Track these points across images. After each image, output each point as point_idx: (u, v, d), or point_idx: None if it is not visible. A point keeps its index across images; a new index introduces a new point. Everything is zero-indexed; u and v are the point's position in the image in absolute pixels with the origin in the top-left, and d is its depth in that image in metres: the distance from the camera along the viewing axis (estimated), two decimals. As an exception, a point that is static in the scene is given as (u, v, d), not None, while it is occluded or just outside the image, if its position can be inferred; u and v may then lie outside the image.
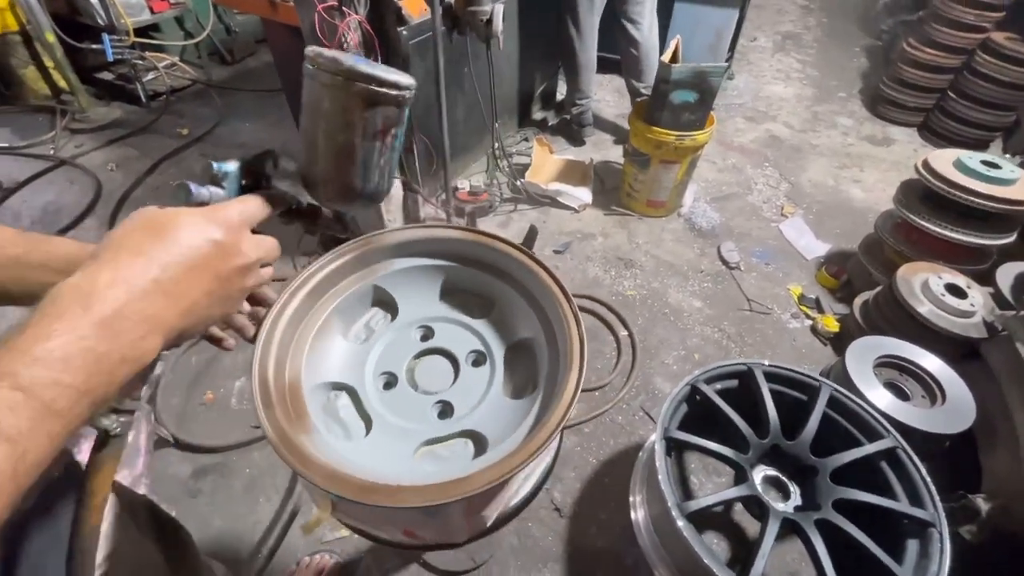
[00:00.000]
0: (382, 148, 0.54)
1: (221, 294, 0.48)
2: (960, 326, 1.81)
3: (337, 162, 0.54)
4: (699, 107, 2.37)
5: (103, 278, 0.40)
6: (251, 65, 4.30)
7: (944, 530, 1.24)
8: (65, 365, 0.35)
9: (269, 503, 1.67)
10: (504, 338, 0.90)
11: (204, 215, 0.47)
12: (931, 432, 1.57)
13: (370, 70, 0.48)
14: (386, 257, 0.94)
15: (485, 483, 0.64)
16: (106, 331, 0.38)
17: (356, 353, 0.90)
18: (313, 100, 0.52)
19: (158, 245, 0.43)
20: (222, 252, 0.47)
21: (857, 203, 3.03)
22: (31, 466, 0.34)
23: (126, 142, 3.33)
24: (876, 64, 4.54)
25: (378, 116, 0.51)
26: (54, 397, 0.35)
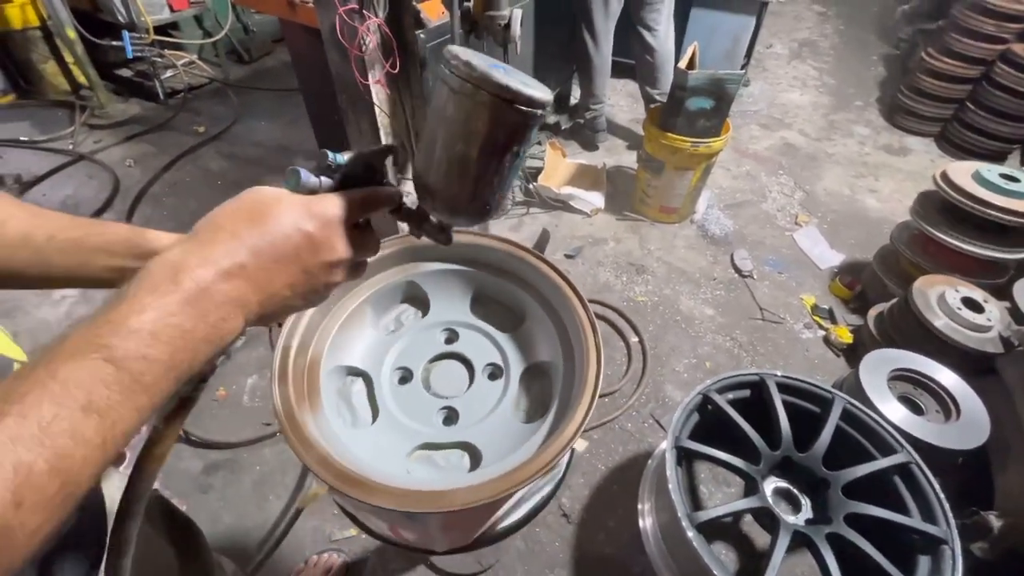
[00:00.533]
0: (500, 166, 0.50)
1: (305, 287, 0.48)
2: (976, 340, 1.79)
3: (450, 173, 0.50)
4: (715, 114, 2.36)
5: (194, 257, 0.40)
6: (268, 64, 4.34)
7: (956, 547, 1.23)
8: (154, 340, 0.36)
9: (279, 500, 1.68)
10: (525, 357, 0.90)
11: (304, 205, 0.46)
12: (944, 448, 1.56)
13: (505, 80, 0.44)
14: (424, 258, 0.95)
15: (461, 503, 0.63)
16: (193, 309, 0.39)
17: (380, 343, 0.91)
18: (439, 103, 0.49)
19: (253, 230, 0.43)
20: (312, 246, 0.46)
21: (873, 213, 3.00)
22: (119, 437, 0.34)
23: (144, 138, 3.38)
24: (894, 73, 4.50)
25: (503, 131, 0.47)
26: (143, 370, 0.35)
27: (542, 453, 0.68)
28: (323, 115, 2.90)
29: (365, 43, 1.68)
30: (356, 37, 1.66)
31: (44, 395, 0.31)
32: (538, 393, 0.88)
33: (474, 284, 0.97)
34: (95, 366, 0.34)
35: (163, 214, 2.81)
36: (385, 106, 1.93)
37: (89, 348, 0.34)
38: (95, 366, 0.34)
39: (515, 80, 0.45)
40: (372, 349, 0.90)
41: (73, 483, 0.32)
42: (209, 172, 3.12)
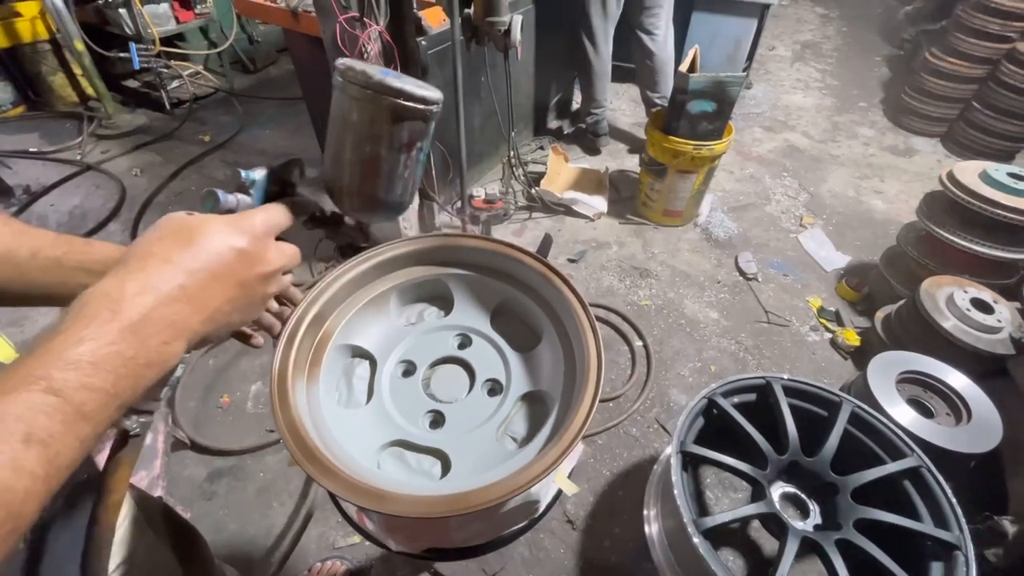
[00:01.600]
0: (407, 161, 0.55)
1: (244, 301, 0.49)
2: (986, 342, 1.76)
3: (362, 173, 0.54)
4: (717, 117, 2.35)
5: (132, 285, 0.41)
6: (272, 74, 4.39)
7: (970, 553, 1.20)
8: (95, 369, 0.36)
9: (282, 507, 1.67)
10: (528, 382, 0.86)
11: (230, 223, 0.48)
12: (956, 451, 1.53)
13: (399, 84, 0.49)
14: (457, 261, 0.95)
15: (401, 510, 0.61)
16: (133, 336, 0.39)
17: (395, 332, 0.91)
18: (342, 111, 0.53)
19: (185, 252, 0.44)
20: (246, 260, 0.48)
21: (878, 215, 2.97)
22: (62, 468, 0.34)
23: (150, 148, 3.41)
24: (897, 74, 4.48)
25: (405, 129, 0.52)
26: (84, 400, 0.35)
27: (505, 482, 0.64)
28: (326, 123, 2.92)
29: (366, 50, 1.69)
30: (357, 44, 1.67)
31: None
32: (530, 421, 0.84)
33: (499, 296, 0.96)
34: (35, 397, 0.34)
35: (169, 223, 2.83)
36: (387, 113, 1.94)
37: (26, 380, 0.34)
38: (35, 397, 0.34)
39: (408, 83, 0.49)
40: (386, 336, 0.90)
41: (15, 516, 0.31)
42: (214, 181, 3.14)
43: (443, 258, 0.94)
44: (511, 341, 0.92)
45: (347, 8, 1.60)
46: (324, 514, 1.64)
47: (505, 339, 0.92)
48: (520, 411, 0.85)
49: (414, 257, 0.92)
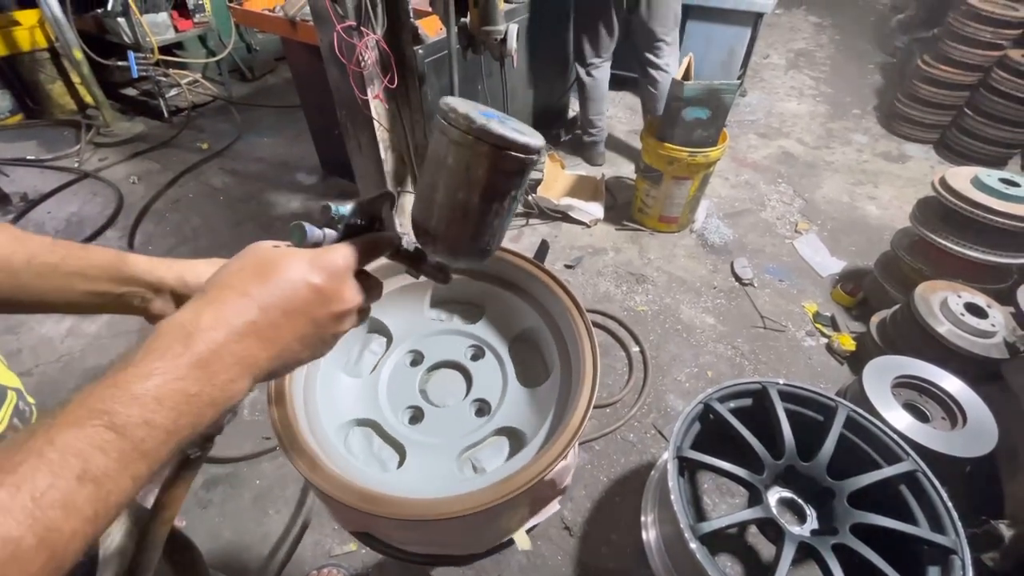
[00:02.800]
0: (499, 210, 0.53)
1: (314, 339, 0.48)
2: (981, 346, 1.77)
3: (452, 218, 0.52)
4: (711, 124, 2.37)
5: (206, 318, 0.40)
6: (270, 82, 4.41)
7: (966, 557, 1.21)
8: (158, 405, 0.36)
9: (279, 515, 1.67)
10: (504, 335, 0.91)
11: (311, 259, 0.47)
12: (951, 455, 1.53)
13: (501, 131, 0.47)
14: (495, 273, 0.96)
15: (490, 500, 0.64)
16: (201, 372, 0.38)
17: (421, 322, 0.92)
18: (439, 153, 0.51)
19: (262, 287, 0.44)
20: (322, 298, 0.47)
21: (872, 220, 3.00)
22: (111, 508, 0.34)
23: (148, 156, 3.42)
24: (890, 81, 4.52)
25: (501, 178, 0.50)
26: (143, 437, 0.35)
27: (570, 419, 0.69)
28: (324, 130, 2.94)
29: (363, 59, 1.70)
30: (354, 53, 1.68)
31: (40, 464, 0.31)
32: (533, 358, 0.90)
33: (425, 291, 0.98)
34: (95, 433, 0.33)
35: (166, 230, 2.83)
36: (384, 120, 1.95)
37: (90, 415, 0.34)
38: (95, 433, 0.33)
39: (510, 130, 0.47)
40: (410, 324, 0.91)
41: (60, 557, 0.31)
42: (212, 188, 3.15)
43: (491, 271, 0.95)
44: (520, 370, 0.93)
45: (344, 17, 1.62)
46: (320, 522, 1.64)
47: (515, 365, 0.93)
48: (493, 444, 0.86)
49: None
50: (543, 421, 0.79)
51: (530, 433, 0.80)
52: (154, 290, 0.61)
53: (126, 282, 0.59)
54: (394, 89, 1.88)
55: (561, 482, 0.81)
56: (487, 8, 1.74)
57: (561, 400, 0.81)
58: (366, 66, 1.74)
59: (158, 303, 0.62)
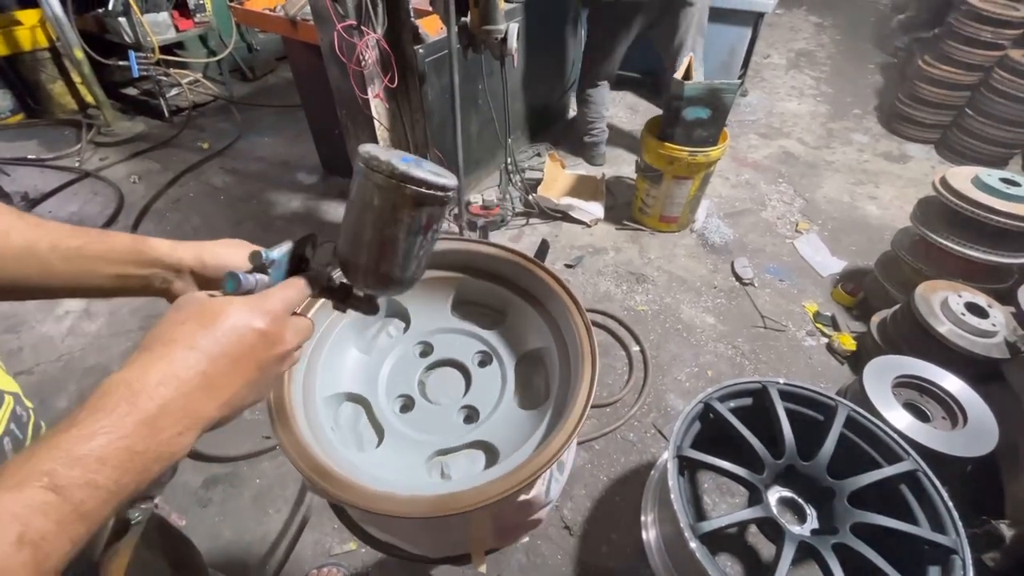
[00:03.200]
0: (423, 242, 0.58)
1: (261, 382, 0.49)
2: (981, 346, 1.77)
3: (380, 253, 0.57)
4: (712, 124, 2.37)
5: (153, 375, 0.40)
6: (271, 82, 4.41)
7: (967, 557, 1.20)
8: (100, 465, 0.35)
9: (278, 514, 1.67)
10: (515, 349, 0.91)
11: (250, 306, 0.48)
12: (952, 455, 1.53)
13: (422, 175, 0.52)
14: (524, 283, 0.96)
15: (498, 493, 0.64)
16: (148, 430, 0.38)
17: (369, 365, 0.91)
18: (364, 196, 0.55)
19: (208, 337, 0.44)
20: (266, 342, 0.48)
21: (873, 220, 2.99)
22: (49, 571, 0.33)
23: (148, 155, 3.42)
24: (891, 81, 4.52)
25: (424, 214, 0.55)
26: (83, 499, 0.34)
27: (548, 445, 0.69)
28: (325, 130, 2.95)
29: (364, 58, 1.70)
30: (355, 53, 1.68)
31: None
32: (537, 380, 0.89)
33: (451, 289, 0.99)
34: (34, 495, 0.33)
35: (166, 229, 2.84)
36: (384, 119, 1.96)
37: (31, 476, 0.33)
38: (34, 495, 0.33)
39: (429, 173, 0.53)
40: (362, 372, 0.91)
41: None
42: (212, 187, 3.15)
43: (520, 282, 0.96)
44: (480, 323, 0.96)
45: (345, 16, 1.62)
46: (320, 520, 1.64)
47: (474, 323, 0.96)
48: (523, 375, 0.89)
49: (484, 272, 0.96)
50: (523, 444, 0.77)
51: (506, 453, 0.79)
52: (175, 271, 0.62)
53: (148, 264, 0.60)
54: (394, 88, 1.88)
55: (531, 511, 0.80)
56: (487, 7, 1.75)
57: (549, 427, 0.79)
58: (366, 65, 1.74)
59: (179, 284, 0.63)
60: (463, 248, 0.96)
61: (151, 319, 2.30)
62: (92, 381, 2.06)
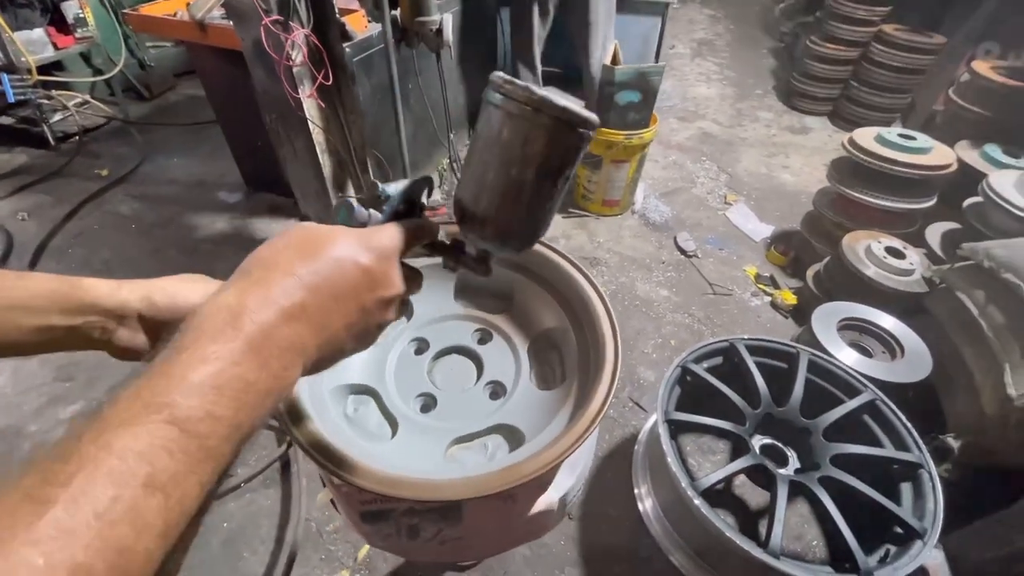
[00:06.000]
0: (552, 190, 0.50)
1: (361, 327, 0.44)
2: (904, 284, 1.96)
3: (503, 198, 0.49)
4: (643, 106, 2.47)
5: (252, 299, 0.36)
6: (172, 100, 4.06)
7: (932, 470, 1.32)
8: (219, 395, 0.31)
9: (255, 556, 1.52)
10: (526, 331, 0.89)
11: (359, 238, 0.43)
12: (896, 383, 1.68)
13: (565, 103, 0.45)
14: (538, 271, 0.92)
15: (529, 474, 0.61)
16: (256, 357, 0.34)
17: (374, 354, 0.87)
18: (492, 129, 0.48)
19: (310, 266, 0.39)
20: (370, 281, 0.43)
21: (789, 187, 3.25)
22: (182, 520, 0.28)
23: (36, 189, 3.03)
24: (782, 63, 4.95)
25: (559, 153, 0.48)
26: (208, 433, 0.30)
27: (575, 424, 0.67)
28: (246, 143, 2.75)
29: (293, 55, 1.60)
30: (283, 48, 1.58)
31: (98, 473, 0.25)
32: (553, 359, 0.87)
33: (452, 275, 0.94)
34: (157, 430, 0.28)
35: (71, 267, 2.52)
36: (319, 120, 1.85)
37: (148, 409, 0.28)
38: (157, 430, 0.28)
39: (571, 102, 0.46)
40: (368, 364, 0.85)
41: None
42: (120, 217, 2.84)
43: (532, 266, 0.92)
44: (487, 308, 0.93)
45: (269, 11, 1.51)
46: (305, 554, 1.51)
47: (479, 310, 0.92)
48: (537, 356, 0.87)
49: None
50: (548, 426, 0.76)
51: (531, 435, 0.76)
52: (117, 317, 0.52)
53: (81, 311, 0.50)
54: (329, 87, 1.79)
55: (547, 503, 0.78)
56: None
57: (576, 406, 0.77)
58: (296, 62, 1.64)
59: (124, 332, 0.52)
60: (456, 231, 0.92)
61: (66, 369, 2.03)
62: (2, 448, 1.77)
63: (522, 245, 0.54)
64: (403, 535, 0.73)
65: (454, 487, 0.59)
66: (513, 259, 0.92)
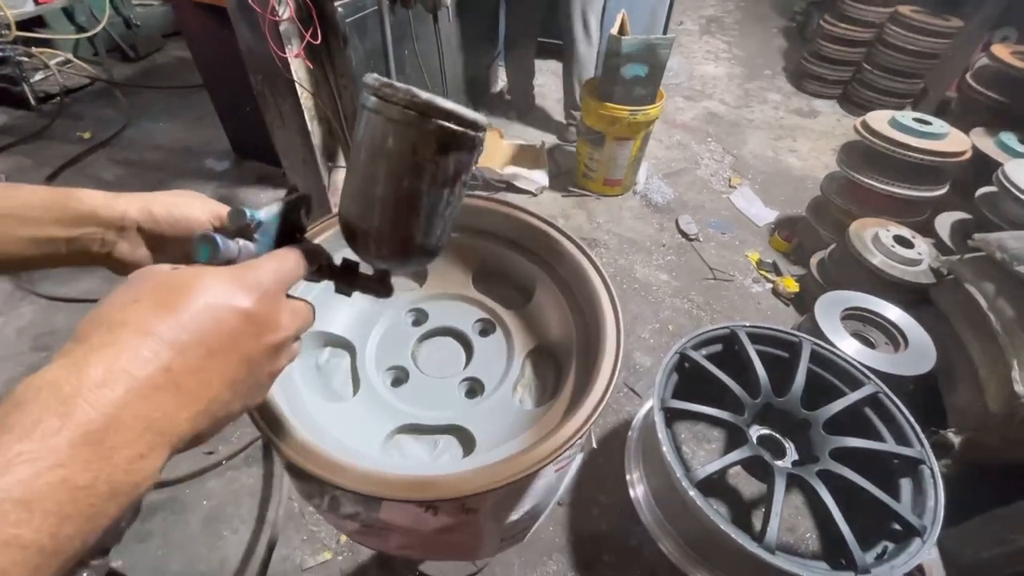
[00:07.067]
0: (450, 196, 0.46)
1: (248, 383, 0.37)
2: (911, 274, 1.91)
3: (397, 213, 0.45)
4: (649, 81, 2.37)
5: (94, 372, 0.28)
6: (159, 61, 3.91)
7: (934, 465, 1.28)
8: (27, 512, 0.23)
9: (235, 535, 1.48)
10: (531, 336, 0.82)
11: (232, 277, 0.36)
12: (898, 375, 1.63)
13: (451, 106, 0.41)
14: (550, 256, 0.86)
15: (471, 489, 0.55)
16: (92, 452, 0.26)
17: (366, 312, 0.82)
18: (375, 138, 0.43)
19: (171, 321, 0.32)
20: (254, 327, 0.36)
21: (795, 171, 3.17)
22: None
23: (16, 150, 2.91)
24: (792, 43, 4.81)
25: (451, 160, 0.43)
26: (4, 568, 0.23)
27: (546, 440, 0.59)
28: (233, 109, 2.64)
29: (279, 9, 1.50)
30: (268, 2, 1.47)
31: None
32: (549, 374, 0.80)
33: (475, 256, 0.88)
34: None
35: (50, 233, 2.43)
36: (307, 84, 1.75)
37: None
38: None
39: (457, 105, 0.42)
40: (358, 318, 0.80)
41: None
42: (103, 183, 2.73)
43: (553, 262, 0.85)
44: (504, 302, 0.85)
45: (252, -39, 1.40)
46: (286, 535, 1.47)
47: (496, 301, 0.84)
48: (534, 367, 0.80)
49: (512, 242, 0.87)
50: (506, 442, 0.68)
51: (484, 447, 0.69)
52: (116, 228, 0.48)
53: (78, 222, 0.46)
54: (318, 47, 1.68)
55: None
56: (416, -46, 1.59)
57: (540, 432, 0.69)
58: (282, 17, 1.53)
59: (124, 245, 0.49)
60: (490, 208, 0.84)
61: (43, 339, 1.96)
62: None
63: (420, 261, 0.50)
64: (325, 504, 0.67)
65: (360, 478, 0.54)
66: (541, 255, 0.84)
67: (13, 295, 2.10)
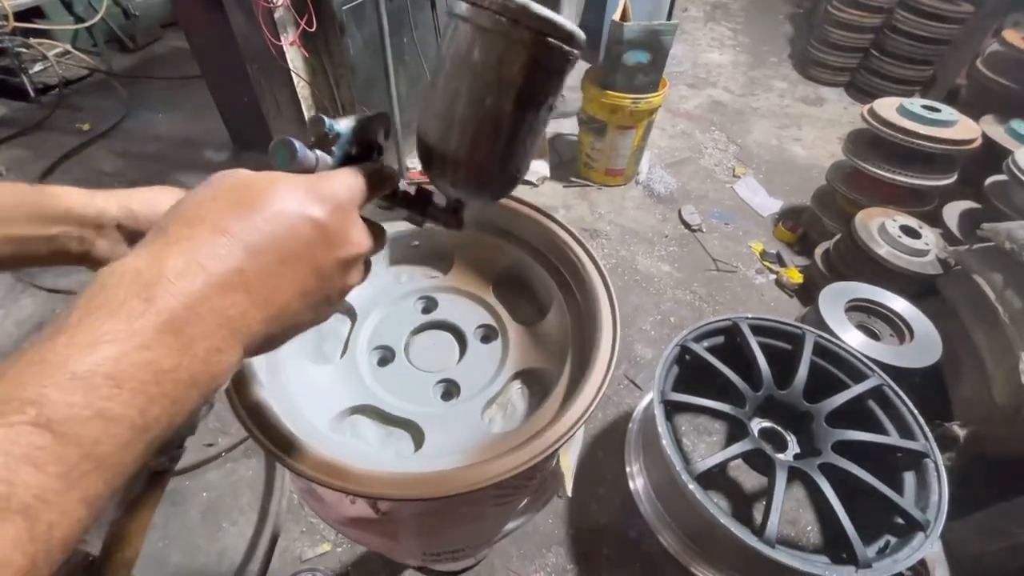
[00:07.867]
0: (534, 122, 0.42)
1: (318, 296, 0.36)
2: (918, 264, 1.88)
3: (477, 135, 0.41)
4: (652, 68, 2.33)
5: (173, 262, 0.28)
6: (158, 52, 3.88)
7: (938, 459, 1.27)
8: (115, 388, 0.24)
9: (235, 527, 1.48)
10: (529, 356, 0.79)
11: (308, 186, 0.35)
12: (903, 367, 1.61)
13: (547, 14, 0.37)
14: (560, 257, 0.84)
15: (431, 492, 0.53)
16: (174, 339, 0.26)
17: (381, 287, 0.81)
18: (460, 49, 0.39)
19: (247, 222, 0.31)
20: (326, 239, 0.35)
21: (800, 160, 3.12)
22: (56, 549, 0.22)
23: (15, 142, 2.90)
24: (799, 30, 4.72)
25: (540, 77, 0.39)
26: (97, 438, 0.23)
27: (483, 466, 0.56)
28: (232, 100, 2.61)
29: (273, -3, 1.47)
30: (262, -11, 1.45)
31: None
32: (530, 403, 0.76)
33: (507, 259, 0.86)
34: (18, 436, 0.21)
35: (50, 225, 2.42)
36: (303, 72, 1.73)
37: (8, 407, 0.22)
38: (18, 436, 0.21)
39: (555, 14, 0.37)
40: (373, 291, 0.80)
41: None
42: (102, 174, 2.73)
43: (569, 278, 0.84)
44: (521, 316, 0.83)
45: (245, -54, 1.38)
46: (286, 526, 1.47)
47: (515, 315, 0.83)
48: (523, 385, 0.78)
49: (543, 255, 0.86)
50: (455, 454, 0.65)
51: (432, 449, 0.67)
52: (95, 227, 0.46)
53: (55, 220, 0.45)
54: (313, 34, 1.65)
55: None
56: (412, -62, 1.56)
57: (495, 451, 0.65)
58: (276, 6, 1.51)
59: (103, 244, 0.47)
60: (528, 215, 0.82)
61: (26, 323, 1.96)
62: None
63: (498, 189, 0.47)
64: None
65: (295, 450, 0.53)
66: (564, 274, 0.82)
67: (14, 287, 2.10)
